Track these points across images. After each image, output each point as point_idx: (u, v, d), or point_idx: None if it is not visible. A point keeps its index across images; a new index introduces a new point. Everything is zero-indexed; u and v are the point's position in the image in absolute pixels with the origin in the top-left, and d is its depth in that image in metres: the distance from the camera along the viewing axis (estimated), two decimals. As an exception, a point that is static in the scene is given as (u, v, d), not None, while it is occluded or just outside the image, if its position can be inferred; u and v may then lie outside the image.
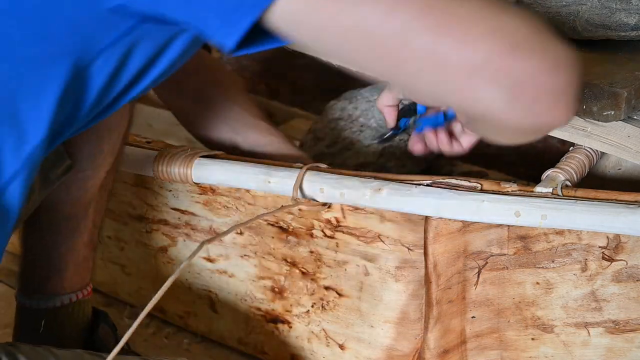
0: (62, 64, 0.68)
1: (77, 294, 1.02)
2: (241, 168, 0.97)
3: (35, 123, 0.70)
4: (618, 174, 0.97)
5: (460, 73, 0.59)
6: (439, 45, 0.59)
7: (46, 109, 0.69)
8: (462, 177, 0.89)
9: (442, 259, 0.89)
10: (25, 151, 0.70)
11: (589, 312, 0.88)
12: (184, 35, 0.71)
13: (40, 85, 0.68)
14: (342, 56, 0.66)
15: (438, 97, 0.65)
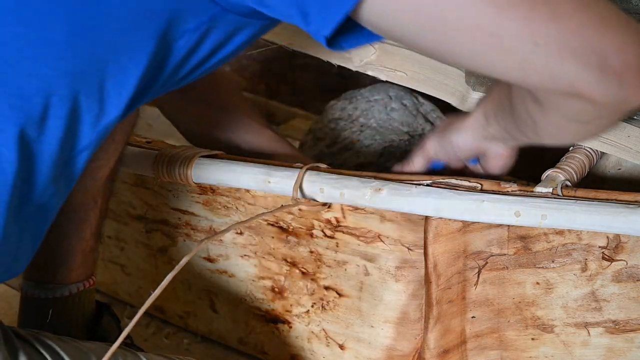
0: (151, 40, 0.71)
1: (84, 283, 1.03)
2: (241, 168, 0.97)
3: (116, 97, 0.73)
4: (618, 174, 0.97)
5: (551, 47, 0.61)
6: (530, 21, 0.60)
7: (129, 84, 0.72)
8: (462, 177, 0.89)
9: (442, 259, 0.89)
10: (102, 124, 0.73)
11: (589, 312, 0.88)
12: (250, 27, 0.76)
13: (128, 59, 0.71)
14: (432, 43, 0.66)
15: (522, 76, 0.65)
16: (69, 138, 0.73)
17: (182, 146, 1.06)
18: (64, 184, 0.76)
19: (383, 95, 1.33)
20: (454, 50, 0.66)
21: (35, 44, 0.68)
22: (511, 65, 0.64)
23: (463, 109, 1.02)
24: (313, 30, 0.67)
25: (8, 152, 0.69)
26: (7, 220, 0.71)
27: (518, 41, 0.62)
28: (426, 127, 1.30)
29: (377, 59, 1.04)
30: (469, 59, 0.66)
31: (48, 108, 0.70)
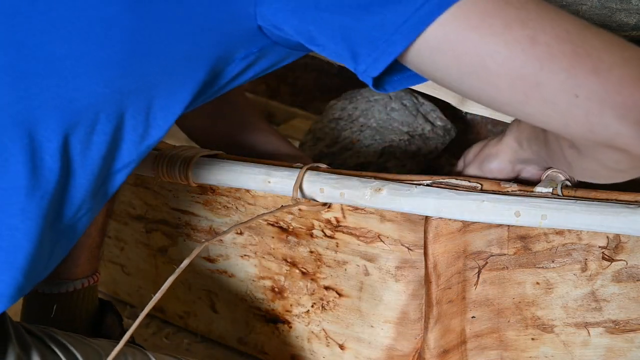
0: (204, 68, 0.74)
1: (89, 279, 1.03)
2: (241, 168, 0.97)
3: (162, 119, 0.75)
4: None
5: (591, 100, 0.63)
6: (572, 74, 0.63)
7: (176, 107, 0.75)
8: (462, 177, 0.89)
9: (442, 259, 0.89)
10: (144, 144, 0.76)
11: (589, 312, 0.88)
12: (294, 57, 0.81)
13: (179, 84, 0.74)
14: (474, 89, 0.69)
15: (562, 126, 0.67)
16: (111, 155, 0.74)
17: (182, 146, 1.06)
18: (97, 203, 0.78)
19: (383, 95, 1.33)
20: (495, 97, 0.68)
21: (91, 61, 0.69)
22: (551, 115, 0.66)
23: (463, 109, 1.02)
24: (361, 70, 0.70)
25: (52, 161, 0.70)
26: (43, 231, 0.72)
27: (559, 92, 0.64)
28: (426, 127, 1.30)
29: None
30: (509, 107, 0.68)
31: (95, 123, 0.71)
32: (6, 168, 0.69)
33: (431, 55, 0.67)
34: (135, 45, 0.70)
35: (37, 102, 0.69)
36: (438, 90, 1.03)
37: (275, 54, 0.79)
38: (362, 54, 0.69)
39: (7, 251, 0.71)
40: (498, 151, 0.93)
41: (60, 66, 0.69)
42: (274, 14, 0.72)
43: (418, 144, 1.28)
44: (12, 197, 0.70)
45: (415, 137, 1.28)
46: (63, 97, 0.69)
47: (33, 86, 0.69)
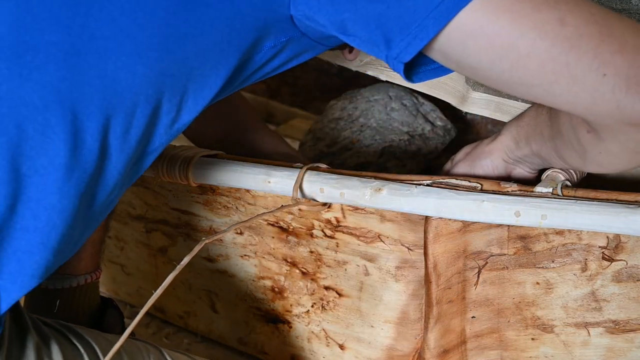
0: (237, 54, 0.76)
1: (91, 275, 1.04)
2: (241, 168, 0.97)
3: (193, 103, 0.77)
4: (618, 174, 0.97)
5: (618, 78, 0.66)
6: (599, 53, 0.66)
7: (207, 92, 0.77)
8: (462, 177, 0.89)
9: (442, 259, 0.89)
10: (175, 128, 0.77)
11: (589, 312, 0.88)
12: (316, 50, 0.83)
13: (211, 69, 0.75)
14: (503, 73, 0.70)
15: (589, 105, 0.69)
16: (145, 138, 0.75)
17: (182, 146, 1.06)
18: (124, 187, 0.79)
19: (383, 95, 1.33)
20: (525, 79, 0.70)
21: (134, 42, 0.70)
22: (579, 94, 0.68)
23: (463, 109, 1.02)
24: (393, 55, 0.72)
25: (92, 141, 0.71)
26: (77, 212, 0.73)
27: (587, 71, 0.66)
28: (426, 127, 1.30)
29: (377, 59, 1.04)
30: (538, 88, 0.70)
31: (136, 106, 0.72)
32: (48, 145, 0.69)
33: (463, 40, 0.69)
34: (176, 28, 0.72)
35: (82, 81, 0.70)
36: (438, 90, 1.03)
37: (299, 46, 0.81)
38: (395, 39, 0.71)
39: (42, 232, 0.71)
40: (492, 149, 0.94)
41: (106, 46, 0.70)
42: (307, 3, 0.74)
43: (418, 144, 1.28)
44: (51, 174, 0.70)
45: (415, 137, 1.28)
46: (106, 78, 0.70)
47: (79, 65, 0.69)
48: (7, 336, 0.75)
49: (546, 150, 0.86)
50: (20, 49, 0.68)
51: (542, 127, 0.86)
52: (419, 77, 0.79)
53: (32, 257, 0.71)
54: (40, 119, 0.69)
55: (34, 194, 0.70)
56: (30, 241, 0.71)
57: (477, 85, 0.98)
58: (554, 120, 0.82)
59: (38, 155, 0.69)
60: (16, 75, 0.68)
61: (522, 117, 0.91)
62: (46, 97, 0.69)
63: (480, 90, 0.98)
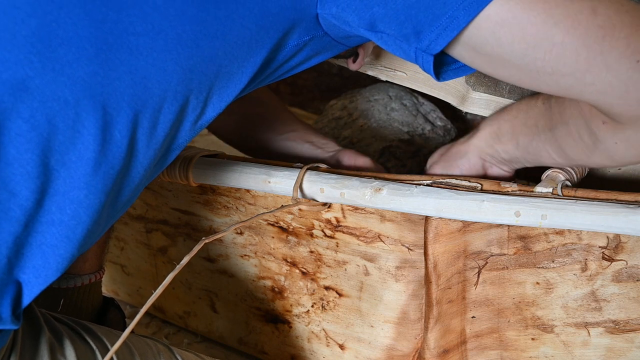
0: (263, 52, 0.77)
1: (95, 275, 1.03)
2: (241, 168, 0.97)
3: (218, 100, 0.77)
4: (618, 174, 0.97)
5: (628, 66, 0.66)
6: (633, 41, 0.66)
7: (232, 90, 0.77)
8: (462, 177, 0.89)
9: (442, 259, 0.89)
10: (199, 124, 0.78)
11: (589, 312, 0.88)
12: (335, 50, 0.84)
13: (238, 67, 0.76)
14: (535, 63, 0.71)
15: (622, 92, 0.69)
16: (172, 134, 0.76)
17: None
18: (147, 182, 0.79)
19: (383, 95, 1.33)
20: (557, 69, 0.70)
21: (165, 39, 0.71)
22: (612, 83, 0.69)
23: (463, 109, 1.02)
24: (423, 47, 0.72)
25: (120, 137, 0.71)
26: (103, 207, 0.73)
27: (621, 59, 0.67)
28: (426, 127, 1.30)
29: (377, 59, 1.04)
30: (570, 77, 0.70)
31: (163, 101, 0.73)
32: (77, 139, 0.70)
33: (494, 30, 0.70)
34: (206, 25, 0.72)
35: (113, 77, 0.70)
36: (438, 90, 1.03)
37: (319, 44, 0.81)
38: (425, 30, 0.71)
39: (68, 226, 0.71)
40: (468, 148, 0.93)
41: (137, 42, 0.70)
42: (336, 1, 0.75)
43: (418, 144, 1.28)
44: (79, 169, 0.70)
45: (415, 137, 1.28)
46: (137, 73, 0.71)
47: (110, 61, 0.70)
48: (20, 333, 0.75)
49: (538, 142, 0.86)
50: (53, 43, 0.68)
51: (536, 119, 0.85)
52: (445, 76, 0.79)
53: (57, 251, 0.71)
54: (71, 113, 0.69)
55: (61, 187, 0.70)
56: (56, 235, 0.71)
57: (477, 85, 0.98)
58: (557, 111, 0.82)
59: (67, 150, 0.69)
60: (49, 70, 0.68)
61: (505, 112, 0.91)
62: (77, 92, 0.69)
63: (480, 90, 0.98)
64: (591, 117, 0.77)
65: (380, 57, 1.04)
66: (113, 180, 0.72)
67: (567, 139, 0.82)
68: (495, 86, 0.96)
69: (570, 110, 0.80)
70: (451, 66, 0.79)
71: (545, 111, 0.84)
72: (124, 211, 0.79)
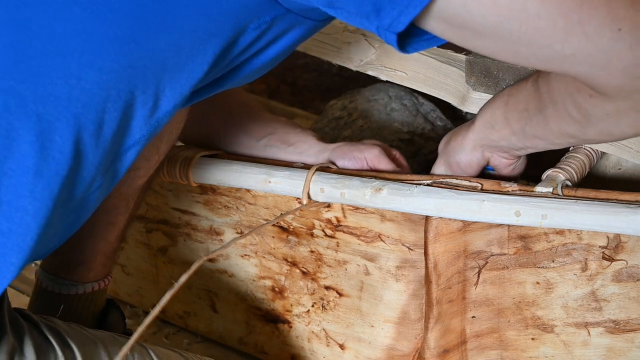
0: (216, 40, 0.73)
1: (99, 283, 1.03)
2: (241, 168, 0.97)
3: (171, 94, 0.74)
4: (618, 174, 0.97)
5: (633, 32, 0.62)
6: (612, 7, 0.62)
7: (186, 82, 0.74)
8: (462, 177, 0.89)
9: (442, 259, 0.89)
10: (154, 119, 0.74)
11: (589, 312, 0.88)
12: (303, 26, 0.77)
13: (189, 58, 0.72)
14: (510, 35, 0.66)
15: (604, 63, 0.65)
16: (122, 132, 0.73)
17: (183, 146, 1.06)
18: (108, 181, 0.77)
19: (383, 95, 1.33)
20: (534, 40, 0.66)
21: (98, 38, 0.68)
22: (593, 53, 0.64)
23: (463, 109, 1.02)
24: (385, 25, 0.67)
25: (62, 141, 0.70)
26: (51, 212, 0.72)
27: (601, 27, 0.63)
28: (426, 127, 1.30)
29: (377, 59, 1.04)
30: (548, 49, 0.66)
31: (106, 101, 0.70)
32: (14, 148, 0.68)
33: (465, 2, 0.65)
34: (143, 20, 0.69)
35: (44, 82, 0.68)
36: (438, 90, 1.03)
37: (285, 23, 0.77)
38: (386, 7, 0.67)
39: (18, 234, 0.70)
40: (464, 141, 0.91)
41: (66, 44, 0.68)
42: None
43: (418, 144, 1.28)
44: (20, 177, 0.69)
45: (415, 137, 1.28)
46: (71, 76, 0.69)
47: (39, 66, 0.68)
48: None
49: (532, 126, 0.82)
50: None
51: (526, 102, 0.82)
52: (414, 47, 0.73)
53: (9, 259, 0.70)
54: (4, 123, 0.67)
55: (5, 196, 0.69)
56: (6, 244, 0.70)
57: (477, 85, 0.98)
58: (545, 91, 0.79)
59: (5, 159, 0.68)
60: None
61: (497, 99, 0.87)
62: (7, 101, 0.67)
63: (481, 90, 0.98)
64: (577, 91, 0.73)
65: (381, 57, 1.04)
66: (60, 185, 0.71)
67: (558, 120, 0.79)
68: (495, 86, 0.96)
69: (557, 87, 0.76)
70: (423, 37, 0.73)
71: (534, 92, 0.80)
72: (89, 210, 0.77)
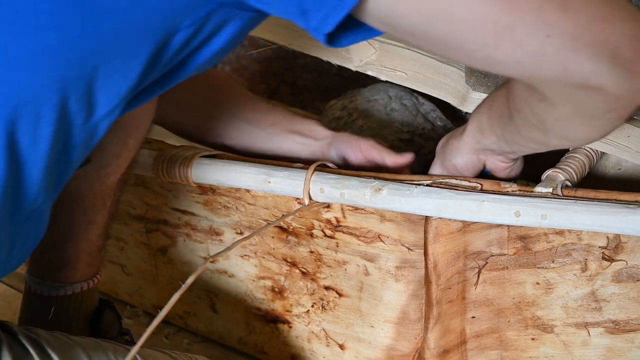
0: (147, 42, 0.70)
1: (88, 282, 1.03)
2: (241, 168, 0.97)
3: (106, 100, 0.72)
4: (618, 174, 0.97)
5: (563, 39, 0.61)
6: (542, 13, 0.61)
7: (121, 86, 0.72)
8: (462, 177, 0.89)
9: (442, 259, 0.89)
10: (93, 122, 0.73)
11: (589, 312, 0.88)
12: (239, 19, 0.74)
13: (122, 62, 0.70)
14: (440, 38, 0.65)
15: (534, 69, 0.65)
16: (59, 143, 0.72)
17: (182, 146, 1.06)
18: (54, 186, 0.76)
19: (383, 95, 1.33)
20: (464, 44, 0.65)
21: (23, 53, 0.67)
22: (523, 59, 0.64)
23: (463, 109, 1.02)
24: (313, 27, 0.66)
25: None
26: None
27: (530, 33, 0.62)
28: (426, 127, 1.30)
29: (377, 59, 1.04)
30: (479, 53, 0.65)
31: (39, 116, 0.69)
32: None
33: (391, 5, 0.63)
34: (67, 31, 0.67)
35: None
36: (438, 90, 1.03)
37: (220, 16, 0.74)
38: (312, 10, 0.64)
39: None
40: (460, 144, 0.91)
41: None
42: None
43: (418, 144, 1.28)
44: None
45: (415, 137, 1.28)
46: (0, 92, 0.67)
47: None
48: None
49: (509, 133, 0.82)
50: None
51: (502, 109, 0.81)
52: (349, 40, 0.70)
53: None
54: None
55: None
56: None
57: (477, 85, 0.98)
58: (510, 98, 0.78)
59: None
60: None
61: (484, 104, 0.87)
62: None
63: (481, 90, 0.98)
64: (530, 96, 0.73)
65: (380, 57, 1.04)
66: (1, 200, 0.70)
67: (524, 126, 0.78)
68: (495, 86, 0.96)
69: (517, 93, 0.76)
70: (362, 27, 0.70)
71: (505, 98, 0.80)
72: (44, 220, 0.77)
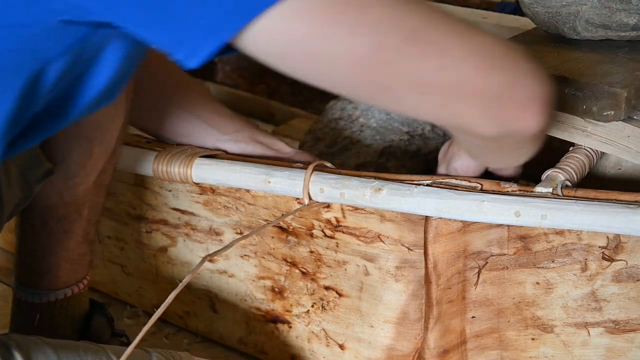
0: (17, 77, 0.66)
1: (72, 288, 1.02)
2: (241, 168, 0.97)
3: None
4: (618, 174, 0.97)
5: (442, 93, 0.65)
6: (422, 71, 0.64)
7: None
8: (462, 177, 0.89)
9: (442, 259, 0.89)
10: None
11: (589, 312, 0.88)
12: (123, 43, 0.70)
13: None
14: (323, 84, 0.66)
15: (421, 115, 0.74)
16: None
17: (182, 146, 1.06)
18: None
19: (383, 95, 1.33)
20: (349, 94, 0.70)
21: None
22: (405, 110, 0.72)
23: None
24: (182, 58, 0.62)
25: None
26: None
27: (407, 93, 0.65)
28: (426, 127, 1.30)
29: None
30: (372, 102, 0.72)
31: None
32: None
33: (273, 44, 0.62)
34: None
35: None
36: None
37: (100, 39, 0.68)
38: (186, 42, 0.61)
39: None
40: (459, 149, 0.92)
41: None
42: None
43: (418, 144, 1.28)
44: None
45: (415, 137, 1.28)
46: None
47: None
48: None
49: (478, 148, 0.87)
50: None
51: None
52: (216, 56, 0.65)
53: None
54: None
55: None
56: None
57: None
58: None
59: None
60: None
61: None
62: None
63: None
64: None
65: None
66: None
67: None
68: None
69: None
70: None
71: None
72: None
